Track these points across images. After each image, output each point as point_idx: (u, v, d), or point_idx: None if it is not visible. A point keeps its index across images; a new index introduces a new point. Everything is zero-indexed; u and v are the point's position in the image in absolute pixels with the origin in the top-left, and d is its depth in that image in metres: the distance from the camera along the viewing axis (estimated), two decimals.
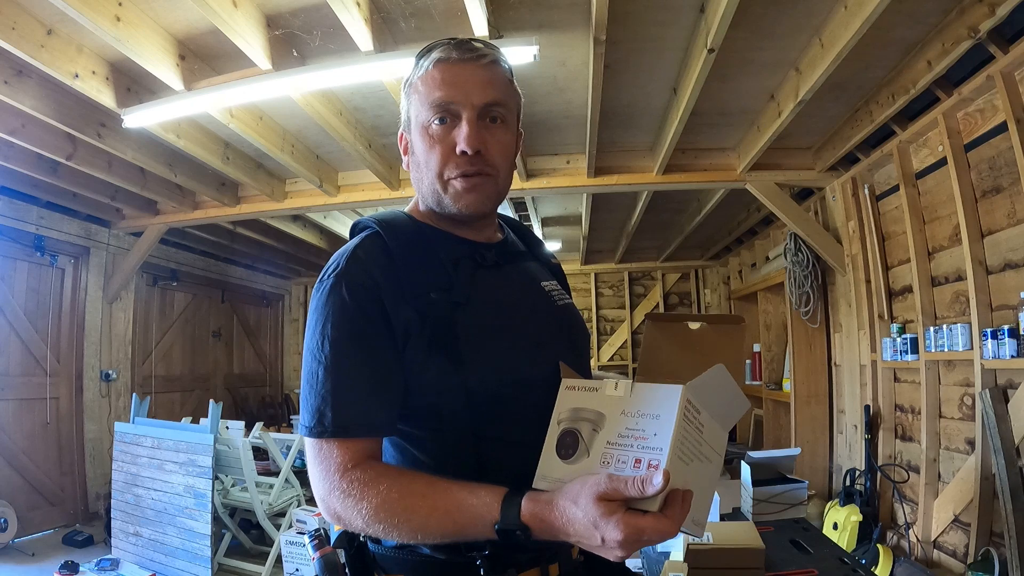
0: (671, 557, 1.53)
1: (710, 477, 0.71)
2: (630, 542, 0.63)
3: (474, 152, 0.82)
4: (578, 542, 0.67)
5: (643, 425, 0.68)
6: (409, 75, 0.88)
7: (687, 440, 0.67)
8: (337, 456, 0.74)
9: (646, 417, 0.68)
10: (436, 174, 0.84)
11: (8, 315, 3.86)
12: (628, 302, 7.20)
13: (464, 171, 0.83)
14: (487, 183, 0.85)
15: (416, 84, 0.86)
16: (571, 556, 0.86)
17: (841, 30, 2.17)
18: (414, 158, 0.88)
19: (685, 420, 0.66)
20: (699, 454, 0.69)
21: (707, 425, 0.71)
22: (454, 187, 0.84)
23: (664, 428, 0.66)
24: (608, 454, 0.69)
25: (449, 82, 0.82)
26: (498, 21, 2.24)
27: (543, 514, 0.67)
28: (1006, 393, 2.32)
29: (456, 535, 0.71)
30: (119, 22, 2.11)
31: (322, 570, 0.96)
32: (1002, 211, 2.37)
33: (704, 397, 0.70)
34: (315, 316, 0.79)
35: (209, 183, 3.97)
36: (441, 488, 0.72)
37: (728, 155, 3.69)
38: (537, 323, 0.88)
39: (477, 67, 0.83)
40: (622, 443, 0.69)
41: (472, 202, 0.84)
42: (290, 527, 3.29)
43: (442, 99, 0.82)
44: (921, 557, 2.76)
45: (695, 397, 0.68)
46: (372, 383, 0.76)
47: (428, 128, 0.84)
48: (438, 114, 0.83)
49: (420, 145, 0.85)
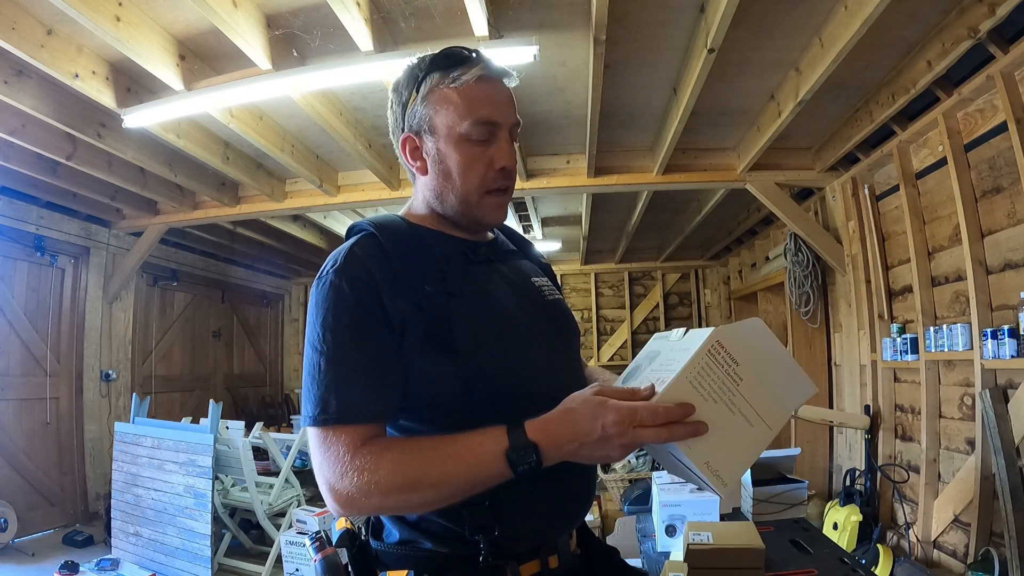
0: (671, 557, 1.53)
1: (744, 436, 0.75)
2: (626, 423, 0.69)
3: (511, 168, 0.88)
4: (581, 446, 0.72)
5: (675, 356, 0.77)
6: (431, 82, 0.86)
7: (708, 376, 0.73)
8: (345, 440, 0.75)
9: (679, 351, 0.77)
10: (475, 187, 0.87)
11: (8, 315, 3.86)
12: (628, 302, 7.19)
13: (500, 186, 0.89)
14: (508, 196, 0.92)
15: (448, 94, 0.85)
16: (570, 548, 0.88)
17: (841, 30, 2.17)
18: (440, 166, 0.88)
19: (708, 355, 0.73)
20: (728, 402, 0.74)
21: (748, 382, 0.75)
22: (489, 201, 0.89)
23: (686, 356, 0.74)
24: (646, 378, 0.78)
25: (493, 100, 0.86)
26: (498, 21, 2.24)
27: (547, 426, 0.73)
28: (1006, 393, 2.32)
29: (472, 479, 0.73)
30: (119, 22, 2.11)
31: (324, 572, 0.97)
32: (1002, 211, 2.37)
33: (743, 351, 0.75)
34: (315, 311, 0.81)
35: (209, 183, 3.97)
36: (447, 439, 0.75)
37: (728, 155, 3.69)
38: (528, 315, 0.90)
39: (507, 86, 0.89)
40: (657, 369, 0.79)
41: (500, 216, 0.93)
42: (290, 527, 3.29)
43: (488, 117, 0.85)
44: (921, 557, 2.76)
45: (729, 343, 0.74)
46: (373, 371, 0.78)
47: (467, 140, 0.86)
48: (482, 131, 0.86)
49: (454, 156, 0.86)
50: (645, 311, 7.22)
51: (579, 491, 0.89)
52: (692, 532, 1.29)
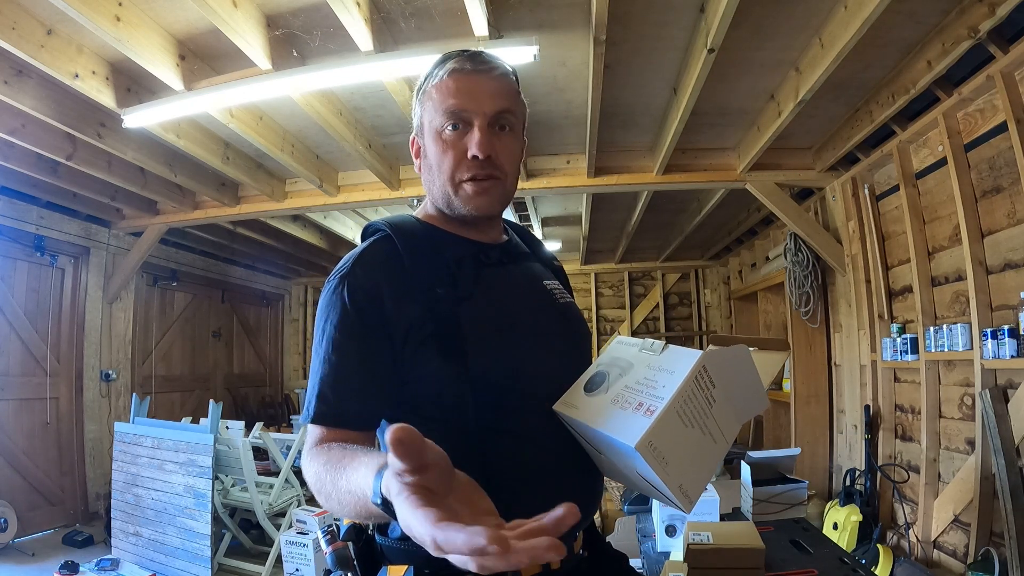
0: (671, 557, 1.54)
1: (709, 454, 0.75)
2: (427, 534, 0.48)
3: (485, 157, 0.86)
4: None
5: (658, 377, 0.74)
6: (422, 84, 0.92)
7: (692, 403, 0.72)
8: (313, 437, 0.79)
9: (663, 372, 0.74)
10: (448, 177, 0.88)
11: (8, 315, 3.86)
12: (628, 302, 7.19)
13: (475, 174, 0.87)
14: (496, 186, 0.89)
15: (430, 92, 0.89)
16: (573, 549, 0.86)
17: (841, 30, 2.17)
18: (426, 161, 0.91)
19: (695, 383, 0.72)
20: (703, 424, 0.73)
21: (719, 403, 0.74)
22: (465, 190, 0.88)
23: (673, 383, 0.71)
24: (621, 395, 0.76)
25: (463, 91, 0.86)
26: (498, 21, 2.24)
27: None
28: (1006, 393, 2.32)
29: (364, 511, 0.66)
30: (119, 22, 2.11)
31: (334, 564, 0.99)
32: (1002, 211, 2.37)
33: (722, 374, 0.73)
34: (319, 314, 0.84)
35: (209, 183, 3.97)
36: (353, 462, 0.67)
37: (728, 155, 3.69)
38: (539, 319, 0.91)
39: (489, 78, 0.88)
40: (636, 388, 0.76)
41: (482, 204, 0.89)
42: (290, 527, 3.29)
43: (455, 107, 0.86)
44: (921, 557, 2.76)
45: (712, 368, 0.73)
46: (361, 377, 0.80)
47: (441, 133, 0.88)
48: (451, 120, 0.86)
49: (433, 149, 0.89)
50: (645, 311, 7.22)
51: (584, 491, 0.88)
52: (692, 532, 1.29)
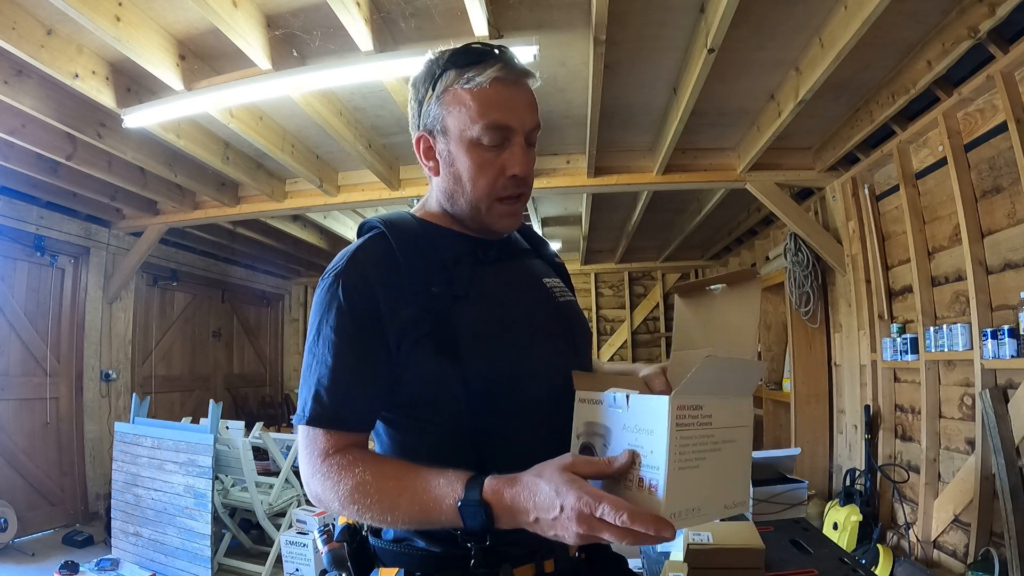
0: (671, 557, 1.53)
1: (737, 456, 0.72)
2: (586, 514, 0.62)
3: (524, 175, 0.85)
4: (537, 520, 0.66)
5: (641, 442, 0.67)
6: (443, 77, 0.84)
7: (689, 444, 0.67)
8: (321, 442, 0.78)
9: (642, 433, 0.67)
10: (484, 193, 0.85)
11: (8, 315, 3.86)
12: (628, 302, 7.20)
13: (511, 193, 0.86)
14: (522, 204, 0.89)
15: (461, 94, 0.82)
16: (567, 552, 0.86)
17: (841, 30, 2.17)
18: (451, 168, 0.86)
19: (679, 429, 0.66)
20: (712, 446, 0.69)
21: (717, 411, 0.70)
22: (500, 209, 0.86)
23: (659, 445, 0.65)
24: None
25: (506, 104, 0.82)
26: (498, 21, 2.24)
27: (505, 488, 0.68)
28: (1006, 393, 2.32)
29: (422, 517, 0.72)
30: (119, 22, 2.11)
31: (330, 564, 1.00)
32: (1002, 211, 2.37)
33: (704, 389, 0.68)
34: (313, 313, 0.83)
35: (209, 183, 3.97)
36: (412, 470, 0.74)
37: (728, 155, 3.69)
38: (537, 318, 0.89)
39: (526, 89, 0.85)
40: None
41: (512, 224, 0.90)
42: (290, 527, 3.29)
43: (500, 122, 0.82)
44: (921, 557, 2.76)
45: (691, 397, 0.67)
46: (358, 379, 0.79)
47: (478, 145, 0.83)
48: (494, 135, 0.82)
49: (465, 160, 0.84)
50: (645, 311, 7.22)
51: None
52: (692, 532, 1.29)
